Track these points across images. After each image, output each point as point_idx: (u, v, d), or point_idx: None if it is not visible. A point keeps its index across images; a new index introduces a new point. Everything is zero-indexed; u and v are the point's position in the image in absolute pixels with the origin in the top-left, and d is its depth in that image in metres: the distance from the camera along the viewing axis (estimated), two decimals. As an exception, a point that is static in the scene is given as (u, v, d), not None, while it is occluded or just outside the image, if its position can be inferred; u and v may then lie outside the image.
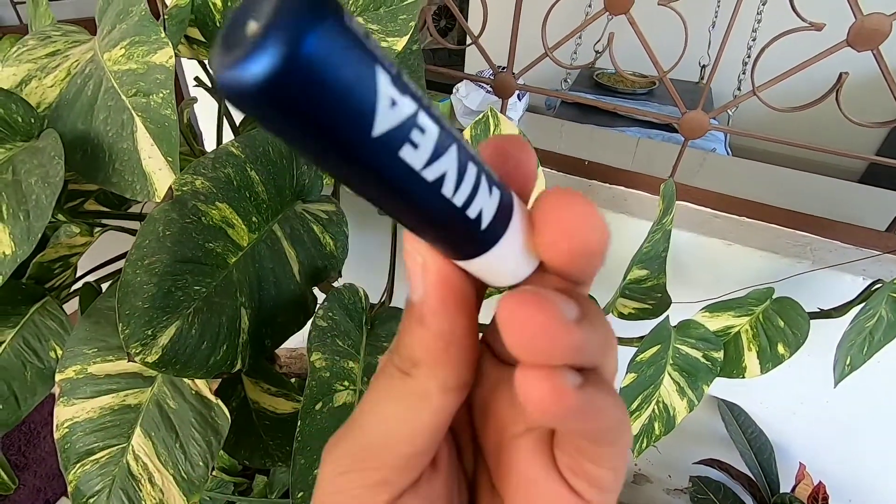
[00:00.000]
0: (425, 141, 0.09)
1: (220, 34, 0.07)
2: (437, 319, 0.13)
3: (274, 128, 0.07)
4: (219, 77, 0.07)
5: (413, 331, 0.13)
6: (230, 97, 0.07)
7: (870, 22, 0.53)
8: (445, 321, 0.13)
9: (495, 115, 0.50)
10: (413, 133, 0.09)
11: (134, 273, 0.34)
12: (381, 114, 0.08)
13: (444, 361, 0.13)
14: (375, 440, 0.14)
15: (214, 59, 0.07)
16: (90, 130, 0.40)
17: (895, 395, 0.72)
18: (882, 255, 0.65)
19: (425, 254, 0.13)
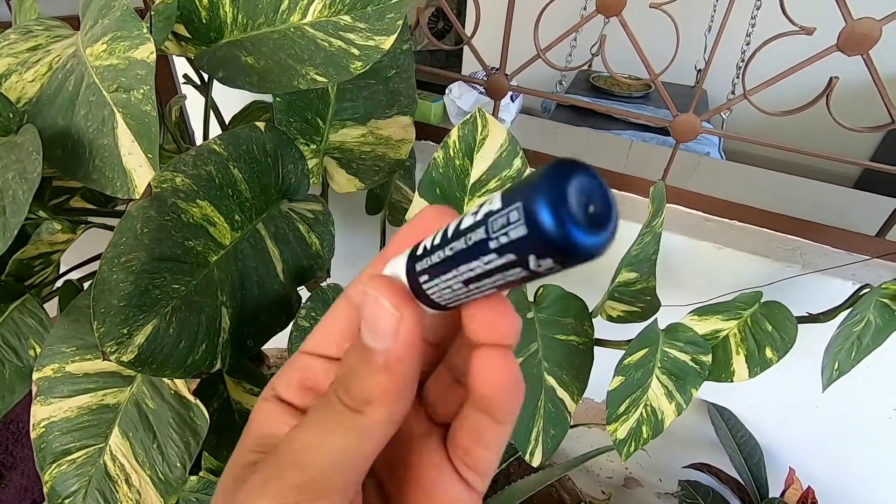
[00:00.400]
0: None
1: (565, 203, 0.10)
2: (402, 366, 0.14)
3: (567, 265, 0.10)
4: (569, 237, 0.10)
5: (373, 376, 0.14)
6: (572, 250, 0.10)
7: (860, 27, 0.53)
8: (410, 367, 0.14)
9: (483, 116, 0.50)
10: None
11: (110, 271, 0.33)
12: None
13: (398, 399, 0.14)
14: (323, 471, 0.14)
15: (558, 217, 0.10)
16: (71, 126, 0.40)
17: (884, 400, 0.72)
18: (871, 259, 0.65)
19: (402, 308, 0.14)
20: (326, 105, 0.57)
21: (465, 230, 0.12)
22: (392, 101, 0.59)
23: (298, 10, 0.47)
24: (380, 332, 0.14)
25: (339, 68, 0.45)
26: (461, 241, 0.12)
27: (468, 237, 0.11)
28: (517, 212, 0.10)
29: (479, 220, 0.11)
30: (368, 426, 0.14)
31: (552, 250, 0.10)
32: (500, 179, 0.52)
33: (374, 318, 0.14)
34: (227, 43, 0.49)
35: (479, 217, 0.11)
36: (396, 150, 0.60)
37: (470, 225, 0.11)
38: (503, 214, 0.10)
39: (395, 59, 0.58)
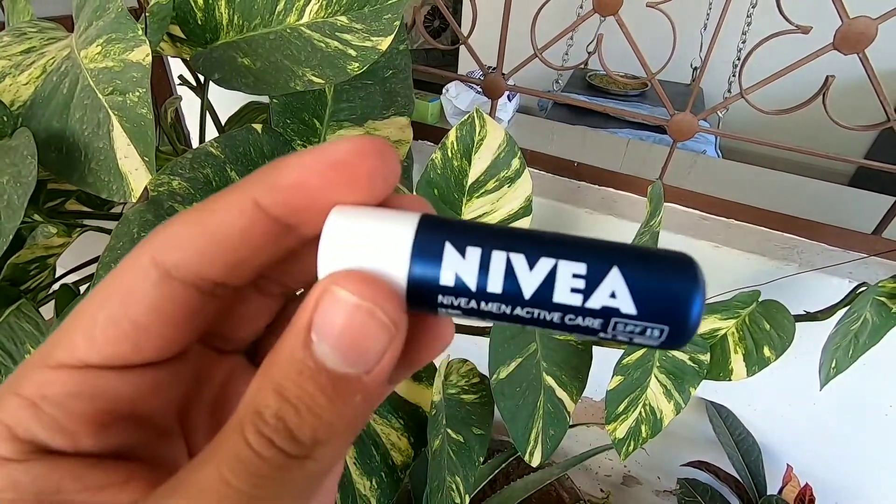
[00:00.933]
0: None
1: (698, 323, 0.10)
2: (380, 391, 0.11)
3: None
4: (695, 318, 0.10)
5: (339, 408, 0.10)
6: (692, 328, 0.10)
7: (856, 25, 0.53)
8: (384, 390, 0.12)
9: (481, 116, 0.50)
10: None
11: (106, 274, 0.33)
12: None
13: (355, 432, 0.12)
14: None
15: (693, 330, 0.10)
16: (65, 129, 0.40)
17: (881, 397, 0.72)
18: (868, 257, 0.65)
19: (400, 325, 0.11)
20: (323, 106, 0.57)
21: (559, 306, 0.10)
22: (389, 101, 0.59)
23: (295, 10, 0.47)
24: (366, 352, 0.10)
25: (335, 69, 0.45)
26: (545, 312, 0.10)
27: (566, 317, 0.10)
28: (659, 331, 0.10)
29: (591, 309, 0.10)
30: (315, 475, 0.11)
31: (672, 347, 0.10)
32: (497, 180, 0.52)
33: (360, 335, 0.10)
34: (223, 44, 0.48)
35: (594, 307, 0.10)
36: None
37: (573, 307, 0.10)
38: (638, 325, 0.10)
39: (391, 59, 0.58)
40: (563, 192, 0.77)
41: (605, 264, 0.10)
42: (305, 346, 0.10)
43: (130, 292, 0.11)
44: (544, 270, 0.10)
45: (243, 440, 0.10)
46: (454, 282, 0.10)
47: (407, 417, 0.53)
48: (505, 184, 0.52)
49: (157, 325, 0.12)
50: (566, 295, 0.10)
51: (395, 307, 0.11)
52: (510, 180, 0.52)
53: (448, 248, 0.10)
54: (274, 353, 0.11)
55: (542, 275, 0.10)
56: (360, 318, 0.10)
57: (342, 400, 0.10)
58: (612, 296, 0.10)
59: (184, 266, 0.11)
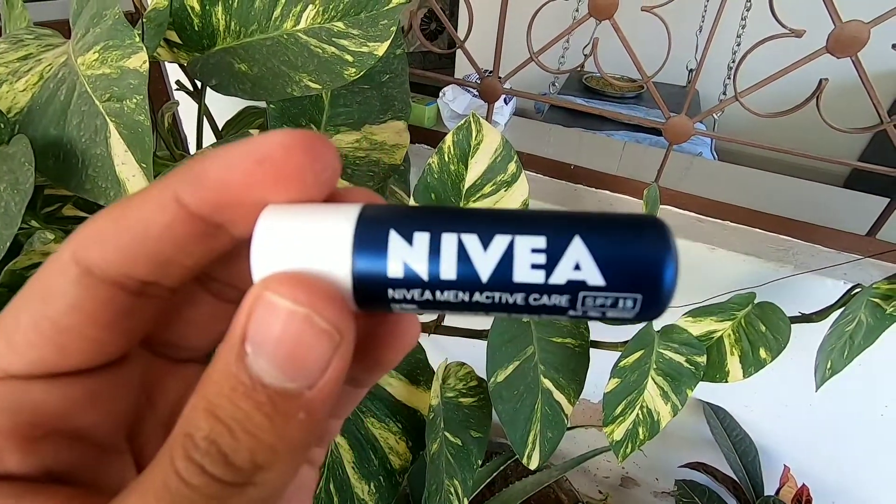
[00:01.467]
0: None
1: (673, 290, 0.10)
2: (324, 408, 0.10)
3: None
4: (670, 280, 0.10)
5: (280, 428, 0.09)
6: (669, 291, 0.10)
7: (848, 29, 0.54)
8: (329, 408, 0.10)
9: (477, 121, 0.50)
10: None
11: (105, 282, 0.33)
12: None
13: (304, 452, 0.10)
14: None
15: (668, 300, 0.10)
16: (63, 136, 0.40)
17: (876, 398, 0.72)
18: (862, 259, 0.66)
19: (345, 332, 0.09)
20: (320, 111, 0.57)
21: (521, 286, 0.09)
22: (386, 106, 0.59)
23: (291, 16, 0.47)
24: (307, 364, 0.09)
25: (332, 75, 0.45)
26: (506, 295, 0.09)
27: (530, 297, 0.09)
28: (633, 301, 0.09)
29: (556, 285, 0.09)
30: (260, 502, 0.09)
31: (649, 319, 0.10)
32: (494, 184, 0.52)
33: (299, 345, 0.09)
34: (220, 50, 0.49)
35: (559, 282, 0.09)
36: (391, 155, 0.60)
37: (536, 285, 0.09)
38: (609, 297, 0.09)
39: (388, 64, 0.58)
40: (560, 195, 0.78)
41: (565, 235, 0.09)
42: (239, 360, 0.09)
43: (49, 291, 0.10)
44: (500, 249, 0.09)
45: (171, 467, 0.09)
46: (403, 272, 0.09)
47: (405, 421, 0.53)
48: (502, 187, 0.52)
49: (81, 325, 0.10)
50: (527, 273, 0.09)
51: (337, 310, 0.09)
52: (507, 184, 0.52)
53: (393, 237, 0.09)
54: (208, 368, 0.10)
55: (499, 254, 0.09)
56: (297, 326, 0.09)
57: (283, 419, 0.09)
58: (576, 268, 0.09)
59: (104, 263, 0.10)
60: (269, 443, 0.09)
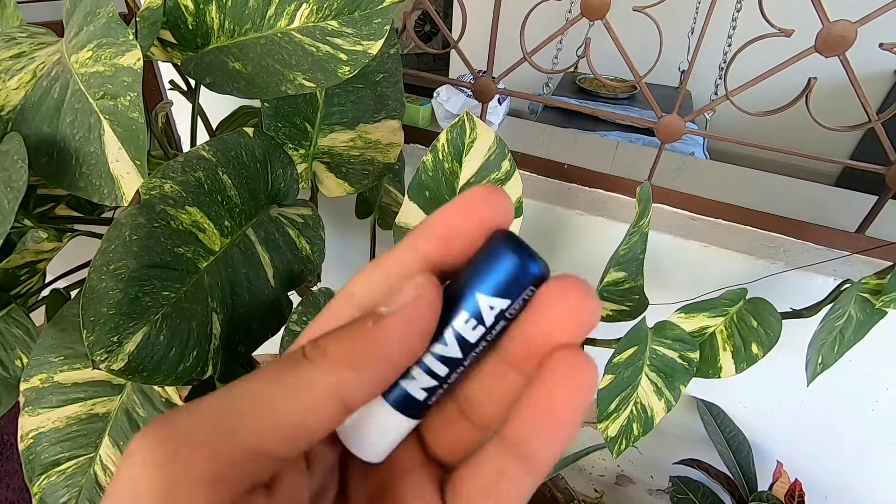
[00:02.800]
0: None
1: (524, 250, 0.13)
2: (388, 335, 0.12)
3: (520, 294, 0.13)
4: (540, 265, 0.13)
5: (349, 331, 0.12)
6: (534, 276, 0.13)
7: (836, 29, 0.55)
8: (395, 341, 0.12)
9: (471, 120, 0.50)
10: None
11: (99, 279, 0.33)
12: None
13: (357, 368, 0.12)
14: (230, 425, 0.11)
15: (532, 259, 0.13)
16: (56, 134, 0.40)
17: (866, 392, 0.73)
18: (852, 255, 0.67)
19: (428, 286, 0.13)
20: (315, 110, 0.57)
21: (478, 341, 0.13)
22: (380, 105, 0.59)
23: (285, 15, 0.47)
24: (395, 295, 0.12)
25: (327, 73, 0.46)
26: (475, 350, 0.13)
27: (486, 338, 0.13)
28: (531, 292, 0.13)
29: (492, 325, 0.13)
30: (307, 379, 0.12)
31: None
32: (488, 181, 0.52)
33: (397, 287, 0.13)
34: (214, 49, 0.49)
35: (491, 322, 0.13)
36: (385, 153, 0.60)
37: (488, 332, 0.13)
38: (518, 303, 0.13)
39: (382, 63, 0.58)
40: (554, 194, 0.78)
41: (472, 300, 0.13)
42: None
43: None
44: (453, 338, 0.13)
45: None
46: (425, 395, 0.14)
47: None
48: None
49: None
50: (473, 333, 0.13)
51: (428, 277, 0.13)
52: (501, 182, 0.53)
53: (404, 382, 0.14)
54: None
55: (455, 341, 0.13)
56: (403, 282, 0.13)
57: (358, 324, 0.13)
58: (491, 308, 0.13)
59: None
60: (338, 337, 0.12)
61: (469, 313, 0.13)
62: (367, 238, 0.70)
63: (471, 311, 0.13)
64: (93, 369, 0.34)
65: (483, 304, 0.13)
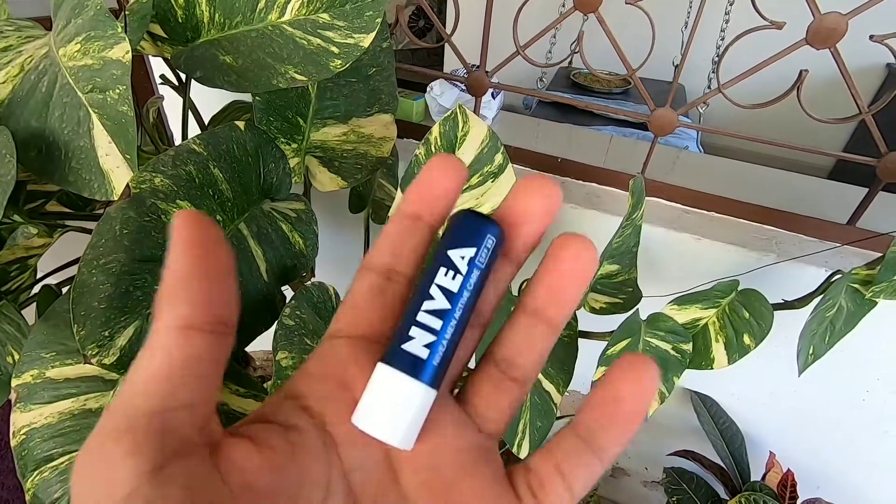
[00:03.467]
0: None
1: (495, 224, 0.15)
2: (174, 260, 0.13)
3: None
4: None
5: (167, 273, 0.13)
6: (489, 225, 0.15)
7: (827, 21, 0.55)
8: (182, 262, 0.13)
9: (463, 113, 0.50)
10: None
11: (89, 273, 0.33)
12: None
13: (177, 298, 0.13)
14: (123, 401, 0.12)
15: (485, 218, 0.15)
16: (45, 128, 0.39)
17: (857, 382, 0.74)
18: (842, 247, 0.67)
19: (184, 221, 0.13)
20: (307, 104, 0.57)
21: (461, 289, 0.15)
22: (373, 99, 0.59)
23: (276, 8, 0.47)
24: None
25: (318, 66, 0.45)
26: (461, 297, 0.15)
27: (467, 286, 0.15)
28: (492, 238, 0.15)
29: (466, 268, 0.15)
30: (152, 335, 0.13)
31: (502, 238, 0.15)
32: (481, 175, 0.52)
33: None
34: (205, 42, 0.48)
35: (466, 267, 0.15)
36: (378, 148, 0.60)
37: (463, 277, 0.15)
38: (483, 249, 0.15)
39: (375, 57, 0.58)
40: (548, 188, 0.78)
41: (444, 256, 0.15)
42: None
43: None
44: (439, 291, 0.15)
45: None
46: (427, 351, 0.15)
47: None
48: (489, 178, 0.52)
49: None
50: (456, 283, 0.15)
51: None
52: (494, 175, 0.53)
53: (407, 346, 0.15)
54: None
55: (441, 293, 0.15)
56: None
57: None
58: (462, 258, 0.15)
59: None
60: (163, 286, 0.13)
61: (445, 266, 0.15)
62: (360, 232, 0.70)
63: (446, 264, 0.15)
64: (85, 364, 0.33)
65: (454, 255, 0.15)
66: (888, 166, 0.62)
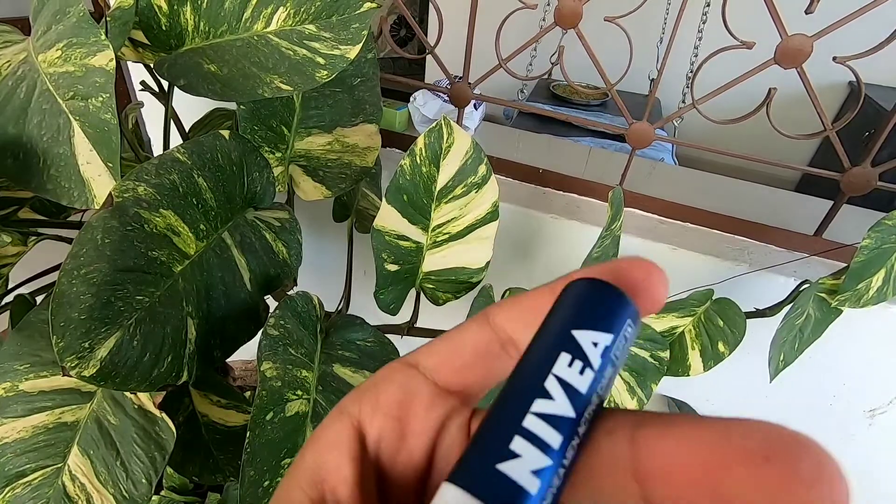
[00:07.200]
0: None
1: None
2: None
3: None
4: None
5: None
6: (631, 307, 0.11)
7: (793, 42, 0.57)
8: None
9: (448, 124, 0.51)
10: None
11: (69, 283, 0.32)
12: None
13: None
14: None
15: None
16: (23, 134, 0.39)
17: (825, 388, 0.77)
18: (810, 257, 0.70)
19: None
20: (291, 113, 0.57)
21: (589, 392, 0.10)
22: (357, 109, 0.60)
23: (262, 18, 0.47)
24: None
25: (304, 77, 0.46)
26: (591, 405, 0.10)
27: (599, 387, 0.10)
28: (631, 324, 0.11)
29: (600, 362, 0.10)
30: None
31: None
32: (465, 185, 0.53)
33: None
34: (189, 50, 0.48)
35: (600, 359, 0.10)
36: (363, 157, 0.60)
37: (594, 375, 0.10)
38: (621, 338, 0.11)
39: (360, 67, 0.59)
40: (529, 198, 0.80)
41: (570, 338, 0.10)
42: None
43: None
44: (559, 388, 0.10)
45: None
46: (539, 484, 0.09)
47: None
48: (472, 189, 0.53)
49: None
50: (585, 381, 0.10)
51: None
52: (477, 186, 0.53)
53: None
54: None
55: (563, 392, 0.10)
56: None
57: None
58: (595, 344, 0.10)
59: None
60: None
61: (571, 354, 0.10)
62: (343, 241, 0.70)
63: (572, 351, 0.10)
64: (63, 376, 0.33)
65: (584, 340, 0.10)
66: (851, 180, 0.65)
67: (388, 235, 0.53)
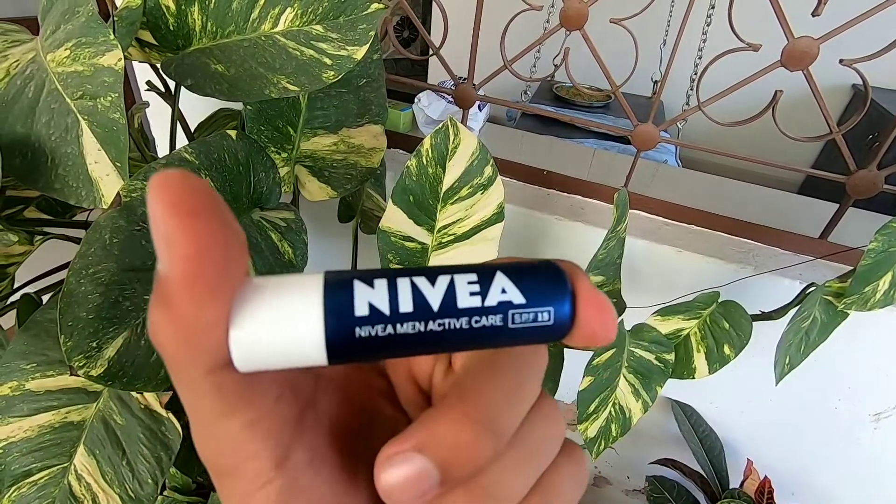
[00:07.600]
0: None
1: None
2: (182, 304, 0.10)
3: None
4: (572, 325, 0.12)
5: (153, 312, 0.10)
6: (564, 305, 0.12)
7: (800, 44, 0.57)
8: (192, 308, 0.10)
9: (455, 125, 0.51)
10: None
11: (77, 283, 0.32)
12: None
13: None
14: None
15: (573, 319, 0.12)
16: (31, 134, 0.39)
17: (830, 392, 0.77)
18: (816, 260, 0.70)
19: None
20: (298, 113, 0.57)
21: (464, 311, 0.11)
22: (363, 109, 0.60)
23: (269, 18, 0.47)
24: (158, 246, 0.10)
25: (310, 77, 0.46)
26: (454, 320, 0.11)
27: (472, 320, 0.11)
28: (548, 314, 0.11)
29: (491, 306, 0.11)
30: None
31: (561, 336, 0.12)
32: (471, 187, 0.53)
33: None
34: (196, 50, 0.48)
35: (492, 304, 0.11)
36: (368, 158, 0.60)
37: (476, 308, 0.11)
38: (530, 312, 0.11)
39: (366, 68, 0.59)
40: (534, 200, 0.79)
41: (490, 271, 0.12)
42: None
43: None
44: (444, 284, 0.11)
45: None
46: (368, 310, 0.11)
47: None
48: (478, 190, 0.53)
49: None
50: (467, 299, 0.11)
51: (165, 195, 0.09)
52: (483, 187, 0.53)
53: (357, 284, 0.11)
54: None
55: (443, 287, 0.11)
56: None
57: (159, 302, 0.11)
58: (503, 292, 0.11)
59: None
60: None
61: (477, 276, 0.11)
62: (349, 242, 0.70)
63: (480, 277, 0.11)
64: (70, 376, 0.33)
65: (497, 282, 0.11)
66: (857, 183, 0.65)
67: (394, 236, 0.53)
